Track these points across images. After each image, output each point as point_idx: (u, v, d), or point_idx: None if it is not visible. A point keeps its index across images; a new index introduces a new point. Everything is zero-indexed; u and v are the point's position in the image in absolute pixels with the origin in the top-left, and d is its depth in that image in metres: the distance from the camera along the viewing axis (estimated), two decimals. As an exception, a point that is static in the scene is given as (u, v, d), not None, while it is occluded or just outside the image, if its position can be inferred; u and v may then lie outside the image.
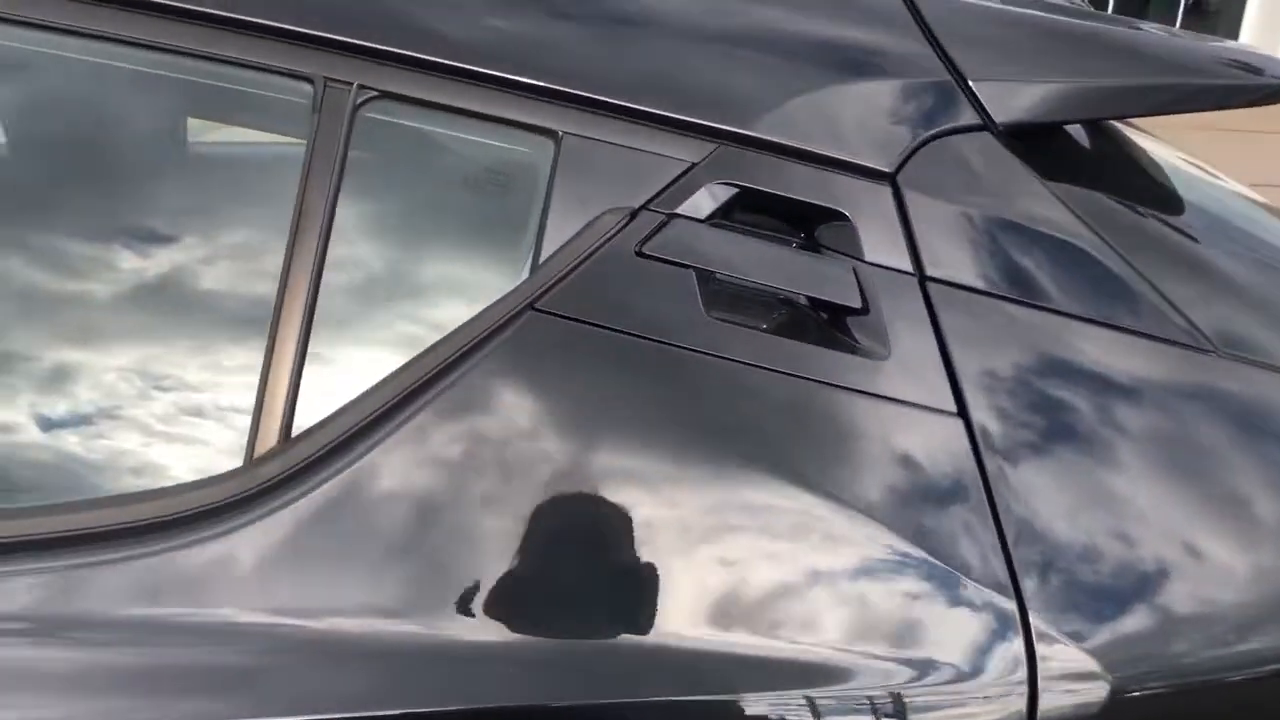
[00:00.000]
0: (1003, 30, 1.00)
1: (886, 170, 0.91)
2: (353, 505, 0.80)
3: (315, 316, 0.84)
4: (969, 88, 0.95)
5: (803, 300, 0.88)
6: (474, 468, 0.81)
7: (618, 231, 0.86)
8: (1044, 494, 0.84)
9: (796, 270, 0.88)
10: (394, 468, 0.81)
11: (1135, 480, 0.86)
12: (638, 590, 0.81)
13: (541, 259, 0.86)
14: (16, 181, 1.05)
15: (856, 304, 0.87)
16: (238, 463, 0.82)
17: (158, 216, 0.91)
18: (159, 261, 0.87)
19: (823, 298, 0.88)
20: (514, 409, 0.82)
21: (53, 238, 0.91)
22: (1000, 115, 0.94)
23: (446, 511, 0.80)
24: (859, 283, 0.88)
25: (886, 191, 0.90)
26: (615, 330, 0.84)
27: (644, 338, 0.84)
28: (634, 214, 0.87)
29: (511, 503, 0.80)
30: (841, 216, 0.89)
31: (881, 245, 0.89)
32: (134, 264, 0.89)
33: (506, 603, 0.80)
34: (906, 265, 0.89)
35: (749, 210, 0.91)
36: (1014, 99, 0.95)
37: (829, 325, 0.89)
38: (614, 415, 0.82)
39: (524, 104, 0.88)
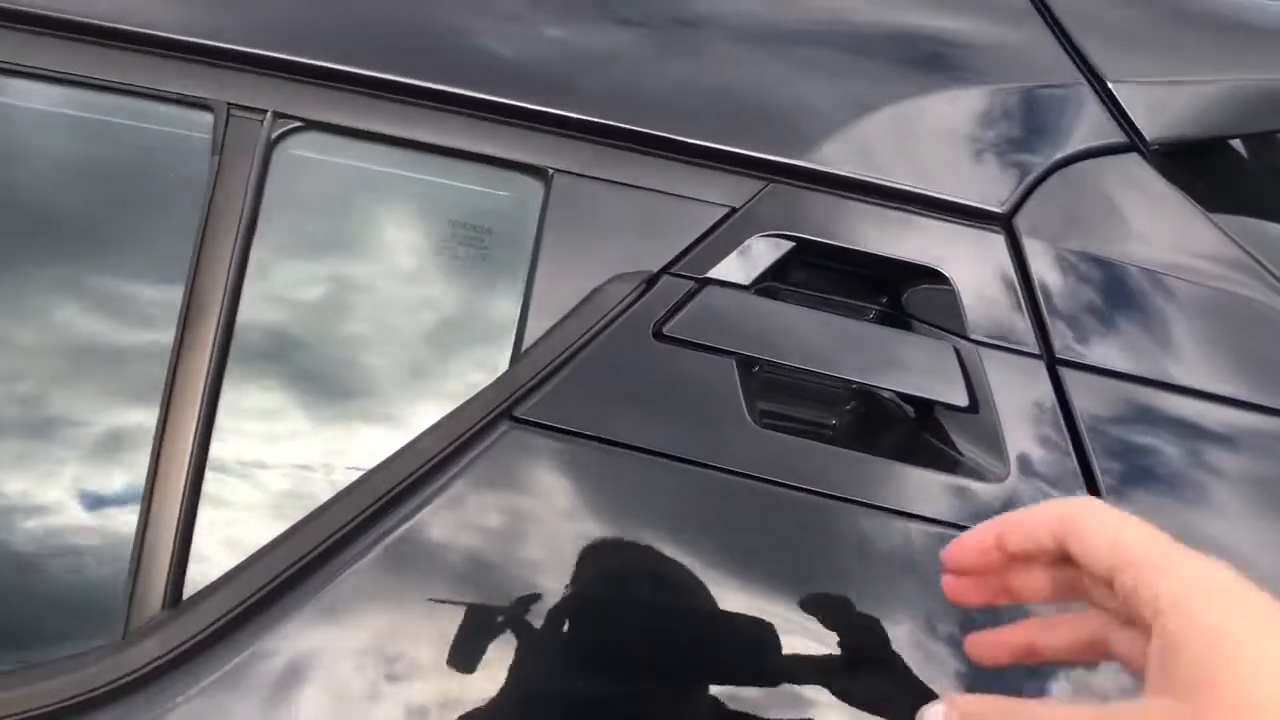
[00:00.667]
0: (1153, 18, 0.74)
1: (998, 211, 0.66)
2: (257, 697, 0.58)
3: (212, 434, 0.62)
4: (1110, 94, 0.70)
5: (887, 396, 0.63)
6: (414, 653, 0.58)
7: (630, 305, 0.63)
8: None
9: (877, 354, 0.63)
10: (307, 644, 0.58)
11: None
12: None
13: (525, 344, 0.63)
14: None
15: (962, 401, 0.62)
16: (112, 636, 0.60)
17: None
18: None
19: (915, 393, 0.63)
20: (482, 569, 0.59)
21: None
22: (1152, 130, 0.69)
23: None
24: (964, 369, 0.63)
25: (999, 240, 0.66)
26: (626, 447, 0.60)
27: (666, 457, 0.60)
28: (652, 280, 0.63)
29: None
30: (937, 276, 0.65)
31: (993, 315, 0.64)
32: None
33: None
34: (1029, 343, 0.64)
35: (810, 271, 0.67)
36: (1170, 108, 0.70)
37: (924, 431, 0.64)
38: (624, 581, 0.59)
39: (502, 134, 0.65)
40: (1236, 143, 0.78)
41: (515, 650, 0.57)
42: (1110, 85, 0.69)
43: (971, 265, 0.65)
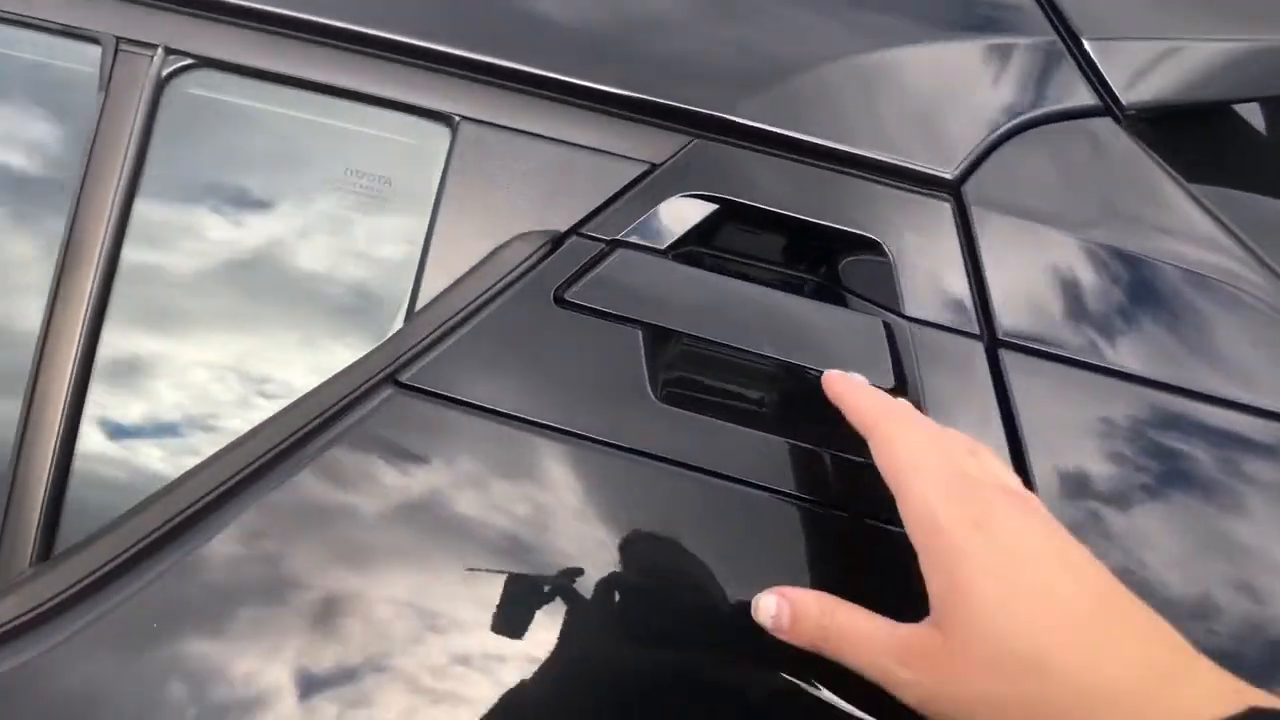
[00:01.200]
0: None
1: (946, 177, 0.60)
2: (117, 655, 0.55)
3: (89, 385, 0.59)
4: (1084, 53, 0.63)
5: (810, 376, 0.58)
6: (279, 615, 0.55)
7: (532, 266, 0.58)
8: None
9: (797, 329, 0.58)
10: (173, 603, 0.55)
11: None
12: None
13: (419, 304, 0.59)
14: None
15: (887, 383, 0.57)
16: (-24, 590, 0.58)
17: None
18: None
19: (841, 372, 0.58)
20: (352, 538, 0.55)
21: None
22: (1130, 93, 0.63)
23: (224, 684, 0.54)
24: (893, 349, 0.58)
25: (945, 209, 0.60)
26: (515, 419, 0.56)
27: (558, 431, 0.56)
28: (558, 240, 0.59)
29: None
30: (873, 247, 0.59)
31: (932, 291, 0.59)
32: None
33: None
34: (969, 323, 0.58)
35: (734, 235, 0.62)
36: (1151, 70, 0.63)
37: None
38: (496, 561, 0.55)
39: (406, 77, 0.60)
40: (1230, 110, 0.71)
41: (375, 620, 0.54)
42: (1085, 43, 0.63)
43: (912, 236, 0.60)
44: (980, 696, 0.44)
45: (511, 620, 0.54)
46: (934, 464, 0.49)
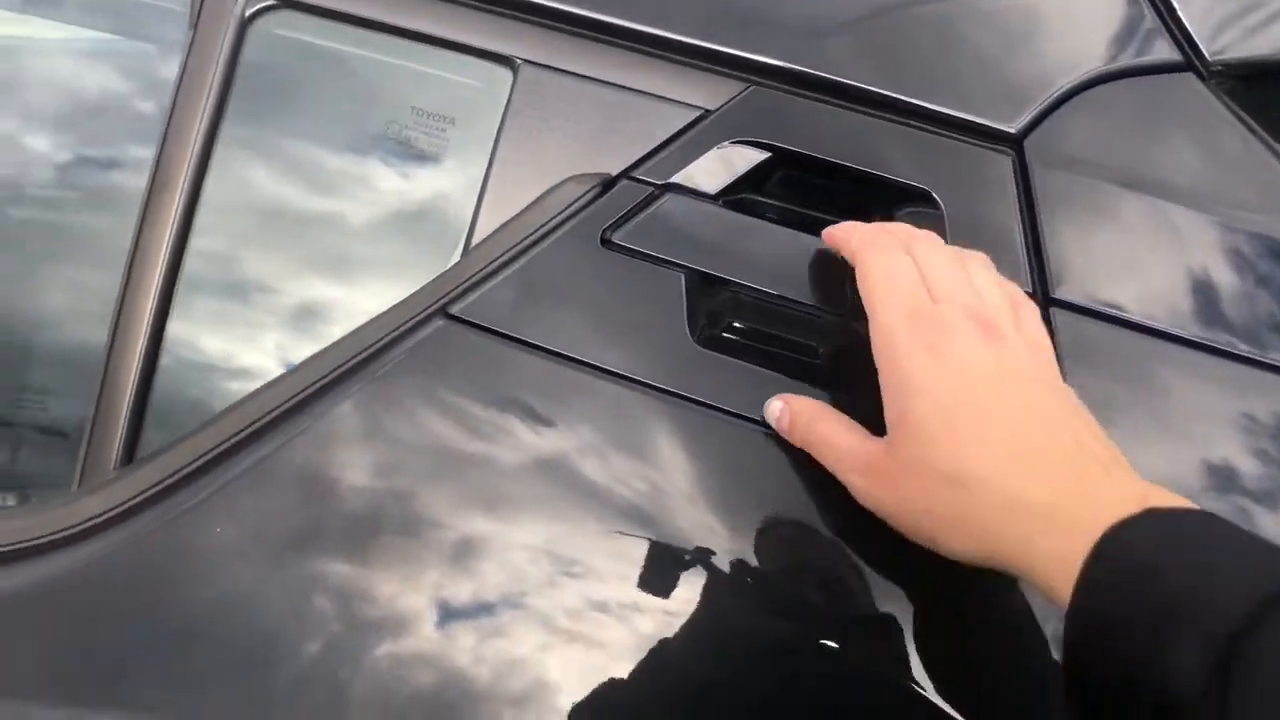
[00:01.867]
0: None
1: (1009, 130, 0.59)
2: (193, 558, 0.60)
3: (173, 301, 0.63)
4: (1166, 4, 0.61)
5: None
6: (357, 528, 0.58)
7: (582, 208, 0.60)
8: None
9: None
10: (243, 510, 0.59)
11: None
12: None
13: (475, 240, 0.61)
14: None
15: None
16: (69, 487, 0.63)
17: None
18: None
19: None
20: (412, 455, 0.58)
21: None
22: (1215, 48, 0.60)
23: (301, 579, 0.58)
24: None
25: (1005, 164, 0.59)
26: (556, 355, 0.58)
27: (596, 369, 0.58)
28: (609, 183, 0.60)
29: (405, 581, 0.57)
30: (927, 199, 0.59)
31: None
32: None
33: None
34: (1022, 282, 0.57)
35: (786, 184, 0.62)
36: (1242, 24, 0.60)
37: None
38: (530, 494, 0.57)
39: (471, 20, 0.62)
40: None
41: (420, 541, 0.57)
42: (1170, -7, 0.60)
43: (968, 190, 0.59)
44: (921, 509, 0.49)
45: (537, 553, 0.56)
46: (903, 292, 0.52)
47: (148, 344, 0.62)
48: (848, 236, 0.56)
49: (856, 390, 0.55)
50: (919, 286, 0.52)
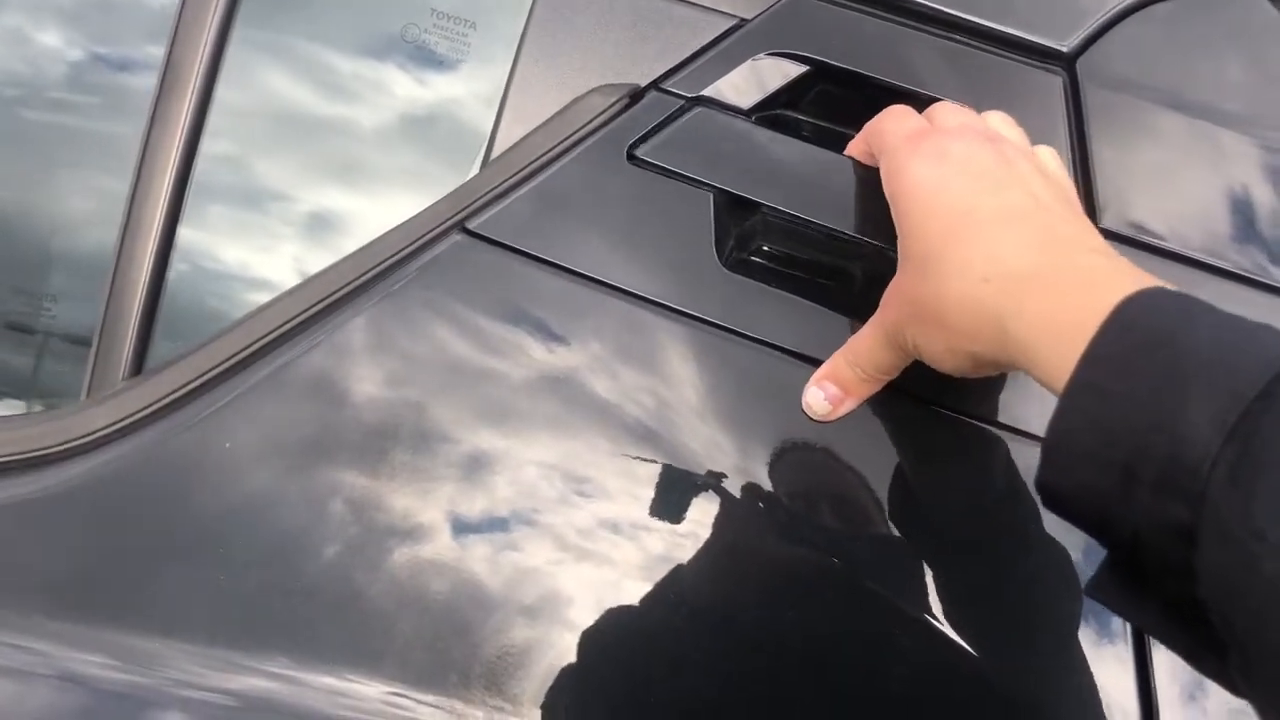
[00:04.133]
0: None
1: (1060, 49, 0.55)
2: (203, 469, 0.58)
3: (183, 208, 0.61)
4: (1238, -87, 0.57)
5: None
6: (369, 440, 0.57)
7: (609, 120, 0.57)
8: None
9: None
10: (254, 421, 0.58)
11: None
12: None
13: (495, 151, 0.58)
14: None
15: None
16: (76, 397, 0.62)
17: None
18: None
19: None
20: (425, 370, 0.56)
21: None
22: None
23: (315, 495, 0.57)
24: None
25: (1056, 84, 0.56)
26: (576, 274, 0.55)
27: (620, 291, 0.55)
28: (638, 94, 0.57)
29: (414, 495, 0.56)
30: (973, 121, 0.56)
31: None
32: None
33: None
34: (1069, 209, 0.54)
35: (824, 101, 0.58)
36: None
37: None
38: (541, 414, 0.55)
39: (496, -86, 0.59)
40: None
41: (432, 456, 0.55)
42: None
43: (1017, 111, 0.55)
44: (913, 300, 0.47)
45: (547, 471, 0.54)
46: (906, 127, 0.51)
47: (157, 252, 0.60)
48: (863, 137, 0.54)
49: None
50: (920, 119, 0.51)
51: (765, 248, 0.57)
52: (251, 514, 0.57)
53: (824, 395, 0.52)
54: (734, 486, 0.54)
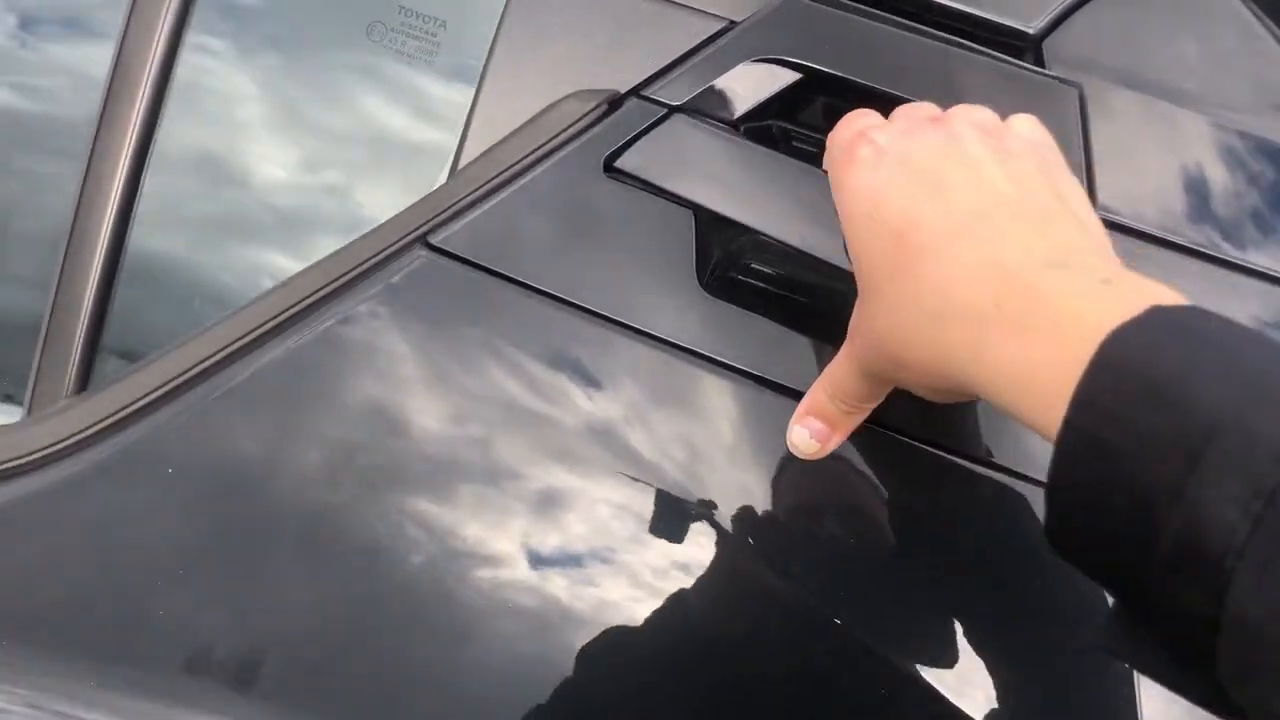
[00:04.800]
0: None
1: (1028, 31, 0.52)
2: (147, 499, 0.55)
3: (133, 216, 0.57)
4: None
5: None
6: (324, 462, 0.53)
7: (584, 129, 0.53)
8: None
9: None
10: (203, 438, 0.54)
11: None
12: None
13: (463, 160, 0.54)
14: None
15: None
16: (14, 416, 0.58)
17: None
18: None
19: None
20: (381, 394, 0.52)
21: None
22: None
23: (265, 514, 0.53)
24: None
25: (1072, 96, 0.51)
26: (549, 296, 0.51)
27: (593, 314, 0.51)
28: (617, 101, 0.53)
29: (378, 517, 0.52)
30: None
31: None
32: None
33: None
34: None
35: (818, 111, 0.54)
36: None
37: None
38: (505, 441, 0.51)
39: (468, -96, 0.55)
40: None
41: (385, 484, 0.51)
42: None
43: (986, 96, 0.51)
44: (884, 337, 0.41)
45: (510, 508, 0.50)
46: (850, 127, 0.45)
47: (103, 264, 0.57)
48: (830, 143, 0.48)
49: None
50: (870, 117, 0.45)
51: (749, 268, 0.52)
52: (194, 541, 0.53)
53: (809, 433, 0.47)
54: (713, 529, 0.50)
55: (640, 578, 0.49)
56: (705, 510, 0.50)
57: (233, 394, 0.54)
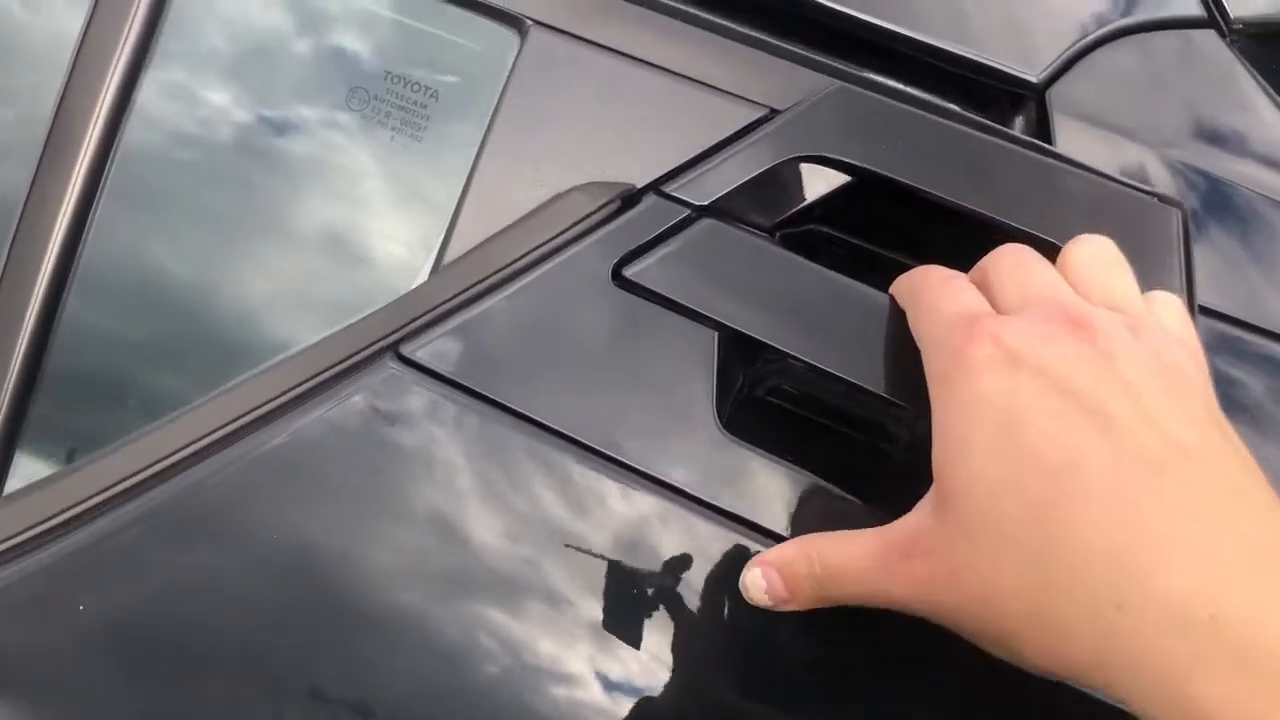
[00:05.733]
0: None
1: (1032, 79, 0.46)
2: (60, 636, 0.46)
3: (63, 306, 0.49)
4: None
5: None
6: (269, 599, 0.44)
7: (591, 228, 0.44)
8: None
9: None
10: (133, 558, 0.45)
11: None
12: None
13: (448, 256, 0.46)
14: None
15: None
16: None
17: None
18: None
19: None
20: (329, 526, 0.44)
21: None
22: (1241, 6, 0.50)
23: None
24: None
25: (1173, 220, 0.43)
26: (538, 425, 0.43)
27: (590, 450, 0.42)
28: (632, 197, 0.45)
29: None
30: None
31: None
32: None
33: None
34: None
35: (867, 217, 0.46)
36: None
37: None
38: (498, 599, 0.42)
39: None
40: None
41: (329, 624, 0.43)
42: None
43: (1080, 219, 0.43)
44: (988, 598, 0.32)
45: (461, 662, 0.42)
46: (952, 303, 0.37)
47: (27, 351, 0.49)
48: (901, 283, 0.41)
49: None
50: (974, 293, 0.38)
51: (780, 408, 0.44)
52: (110, 690, 0.45)
53: (764, 585, 0.39)
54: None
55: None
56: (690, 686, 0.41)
57: (158, 515, 0.45)
